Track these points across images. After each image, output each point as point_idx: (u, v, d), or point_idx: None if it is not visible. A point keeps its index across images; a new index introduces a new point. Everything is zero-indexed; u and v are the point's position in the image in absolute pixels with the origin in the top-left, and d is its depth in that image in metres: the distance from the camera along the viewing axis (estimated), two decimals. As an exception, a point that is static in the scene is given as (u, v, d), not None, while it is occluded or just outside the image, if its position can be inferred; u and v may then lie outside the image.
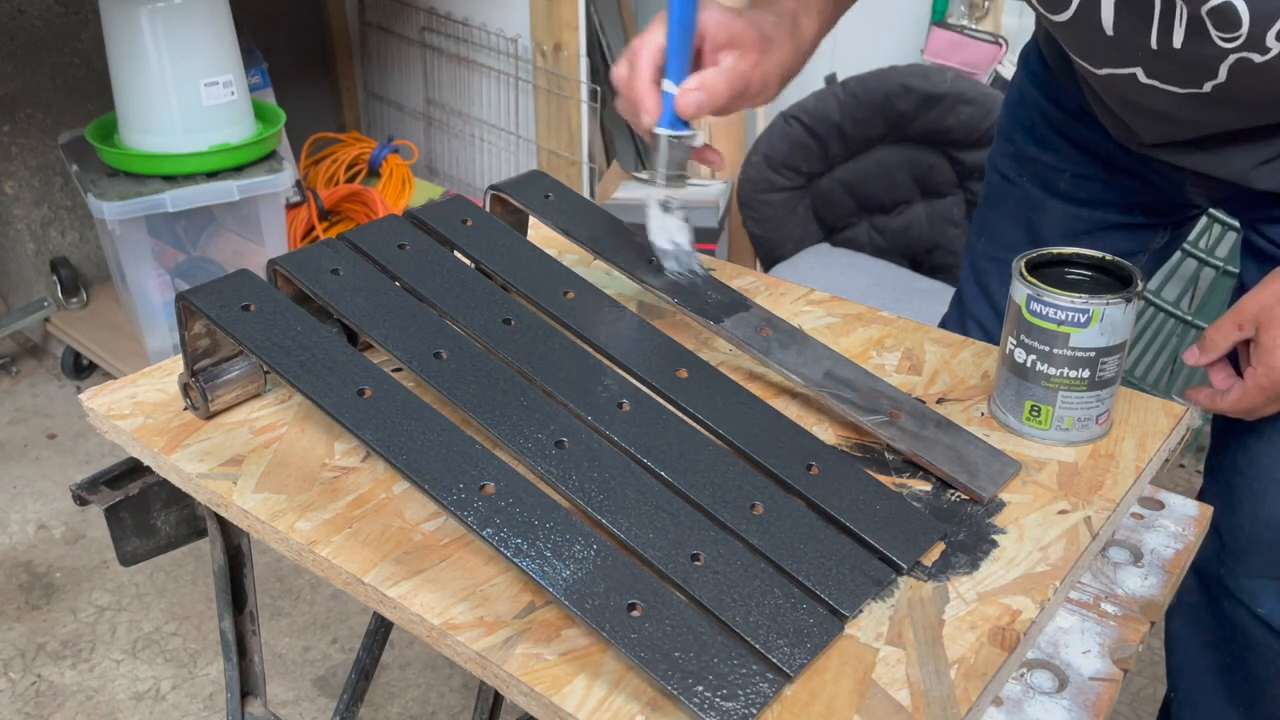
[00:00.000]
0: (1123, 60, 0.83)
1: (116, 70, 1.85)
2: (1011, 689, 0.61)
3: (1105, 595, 0.67)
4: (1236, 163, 0.88)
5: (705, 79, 0.81)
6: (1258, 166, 0.87)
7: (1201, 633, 1.02)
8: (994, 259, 1.15)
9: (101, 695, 1.58)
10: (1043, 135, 1.07)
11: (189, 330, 0.74)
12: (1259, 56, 0.75)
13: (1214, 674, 1.03)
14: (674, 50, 0.80)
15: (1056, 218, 1.08)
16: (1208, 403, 0.87)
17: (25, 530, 1.91)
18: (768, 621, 0.59)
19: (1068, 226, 1.08)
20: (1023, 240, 1.11)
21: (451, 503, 0.62)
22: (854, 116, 2.10)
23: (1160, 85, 0.83)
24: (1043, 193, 1.08)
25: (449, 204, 0.89)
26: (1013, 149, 1.11)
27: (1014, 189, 1.11)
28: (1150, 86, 0.84)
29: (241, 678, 0.93)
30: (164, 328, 2.02)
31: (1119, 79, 0.85)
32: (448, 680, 1.62)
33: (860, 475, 0.70)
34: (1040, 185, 1.08)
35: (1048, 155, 1.07)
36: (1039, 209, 1.09)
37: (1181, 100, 0.83)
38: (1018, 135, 1.10)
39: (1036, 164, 1.08)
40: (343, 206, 2.41)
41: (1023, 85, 1.11)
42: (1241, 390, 0.84)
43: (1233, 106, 0.82)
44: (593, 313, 0.81)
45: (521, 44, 2.42)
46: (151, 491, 0.84)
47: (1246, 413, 0.86)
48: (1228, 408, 0.86)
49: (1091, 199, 1.06)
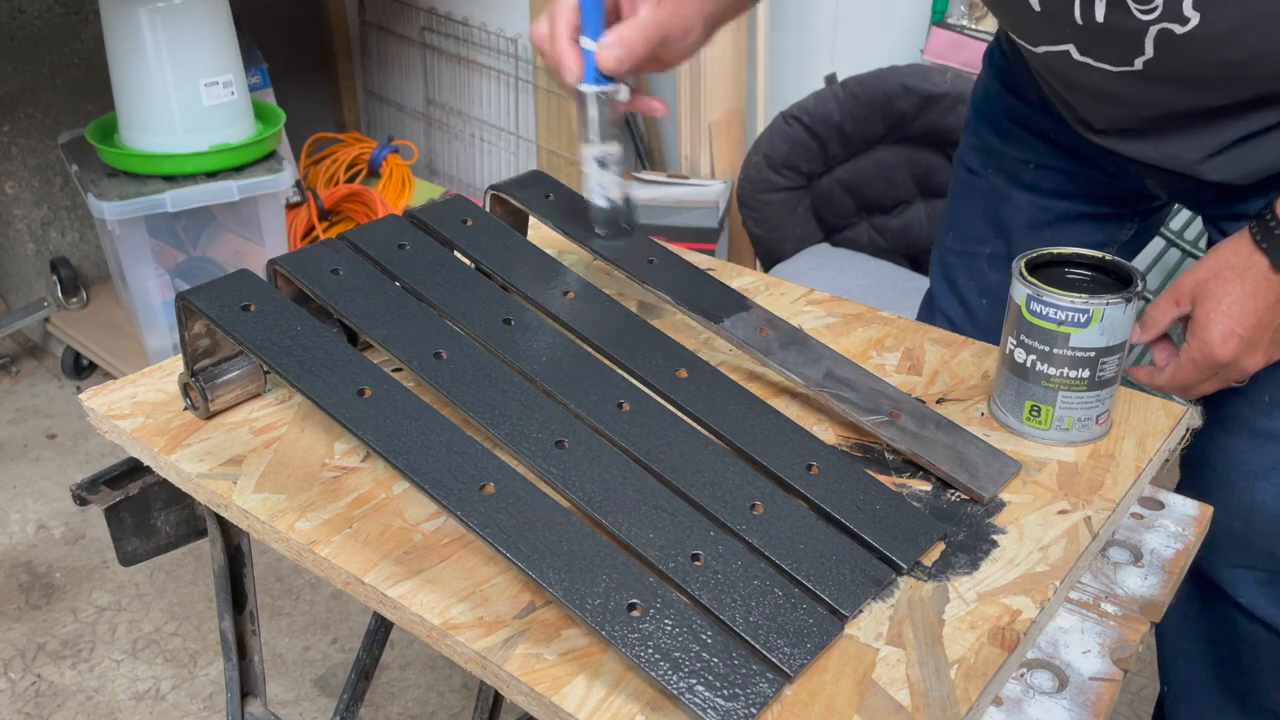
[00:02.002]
0: (1055, 37, 0.84)
1: (116, 70, 1.85)
2: (1011, 689, 0.61)
3: (1105, 595, 0.67)
4: (1185, 155, 0.88)
5: (621, 33, 0.81)
6: (1206, 159, 0.87)
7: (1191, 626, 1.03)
8: (961, 253, 1.15)
9: (101, 695, 1.58)
10: (1006, 127, 1.08)
11: (189, 330, 0.74)
12: (1179, 27, 0.75)
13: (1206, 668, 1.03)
14: (586, 5, 0.81)
15: (1022, 209, 1.08)
16: (1146, 379, 0.88)
17: (25, 530, 1.91)
18: (768, 621, 0.59)
19: (1033, 218, 1.08)
20: (989, 233, 1.11)
21: (451, 503, 0.62)
22: (854, 116, 2.10)
23: (1094, 63, 0.83)
24: (1008, 184, 1.09)
25: (449, 204, 0.89)
26: (978, 142, 1.12)
27: (980, 181, 1.11)
28: (1084, 64, 0.84)
29: (241, 678, 0.93)
30: (164, 328, 2.02)
31: (1055, 57, 0.86)
32: (448, 680, 1.62)
33: (860, 475, 0.70)
34: (1005, 177, 1.09)
35: (1012, 147, 1.08)
36: (1004, 201, 1.09)
37: (1117, 79, 0.83)
38: (983, 129, 1.11)
39: (1001, 156, 1.09)
40: (343, 206, 2.41)
41: (987, 80, 1.12)
42: (1176, 366, 0.85)
43: (1169, 84, 0.82)
44: (593, 313, 0.81)
45: (521, 44, 2.42)
46: (151, 491, 0.84)
47: (1183, 389, 0.86)
48: (1164, 383, 0.87)
49: (1056, 190, 1.06)
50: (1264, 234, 0.80)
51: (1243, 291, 0.81)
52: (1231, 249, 0.83)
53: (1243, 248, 0.82)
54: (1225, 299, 0.82)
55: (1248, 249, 0.81)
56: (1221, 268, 0.83)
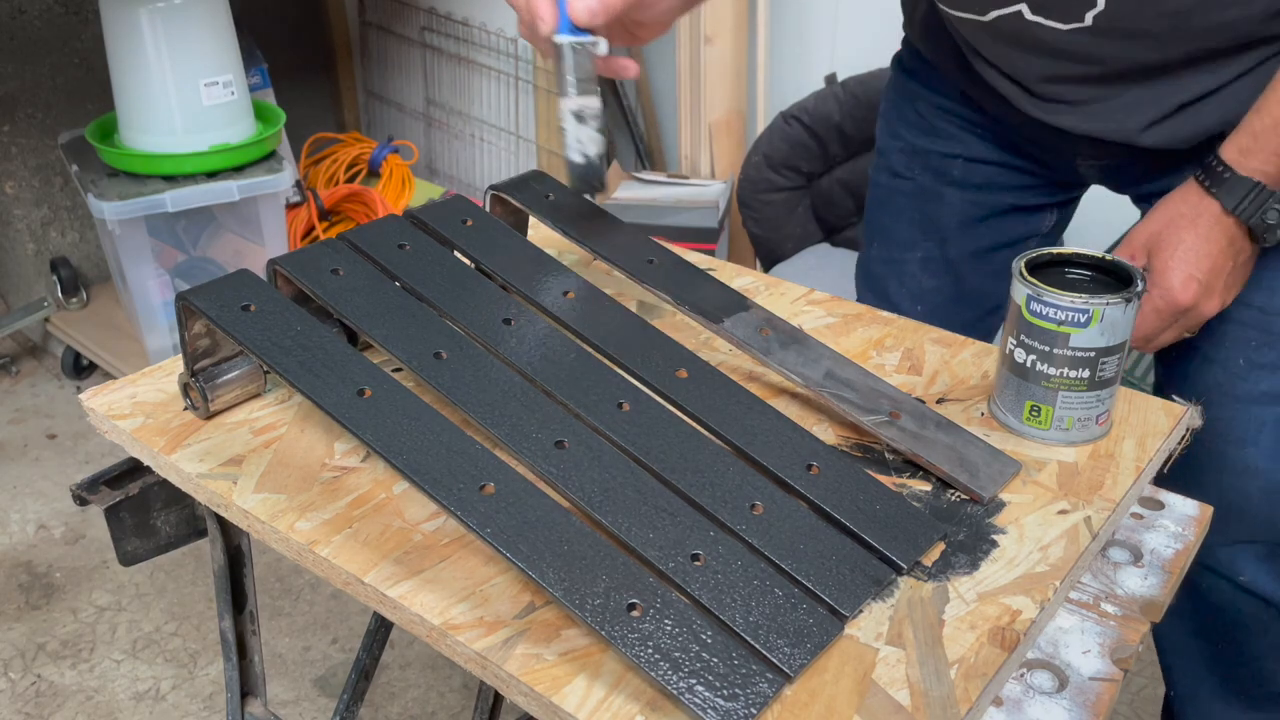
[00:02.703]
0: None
1: (116, 70, 1.85)
2: (1011, 689, 0.61)
3: (1105, 595, 0.67)
4: (1128, 123, 0.89)
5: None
6: (1148, 127, 0.89)
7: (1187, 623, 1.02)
8: (890, 261, 1.14)
9: (101, 695, 1.58)
10: (930, 125, 1.08)
11: (189, 330, 0.74)
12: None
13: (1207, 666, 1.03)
14: None
15: (954, 205, 1.09)
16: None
17: (25, 530, 1.91)
18: (768, 621, 0.59)
19: (965, 214, 1.08)
20: (918, 236, 1.11)
21: (451, 503, 0.62)
22: (854, 116, 2.10)
23: (1044, 21, 0.84)
24: (937, 183, 1.09)
25: (449, 204, 0.89)
26: (901, 144, 1.12)
27: (905, 185, 1.12)
28: (1035, 23, 0.85)
29: (241, 678, 0.93)
30: (164, 328, 2.02)
31: (1006, 20, 0.87)
32: (448, 680, 1.62)
33: (860, 475, 0.70)
34: (934, 175, 1.09)
35: (939, 143, 1.08)
36: (935, 200, 1.09)
37: (1066, 36, 0.85)
38: (905, 131, 1.11)
39: (928, 155, 1.09)
40: (343, 206, 2.41)
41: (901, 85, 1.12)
42: (1139, 316, 0.86)
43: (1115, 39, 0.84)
44: (593, 313, 0.81)
45: (521, 44, 2.42)
46: (151, 491, 0.84)
47: (1145, 339, 0.88)
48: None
49: (986, 183, 1.07)
50: (1212, 179, 0.83)
51: (1196, 236, 0.84)
52: (1180, 197, 0.85)
53: (1191, 195, 0.84)
54: (1181, 246, 0.84)
55: (1197, 195, 0.84)
56: (1174, 217, 0.85)
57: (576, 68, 0.83)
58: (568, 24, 0.81)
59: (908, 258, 1.13)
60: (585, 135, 0.85)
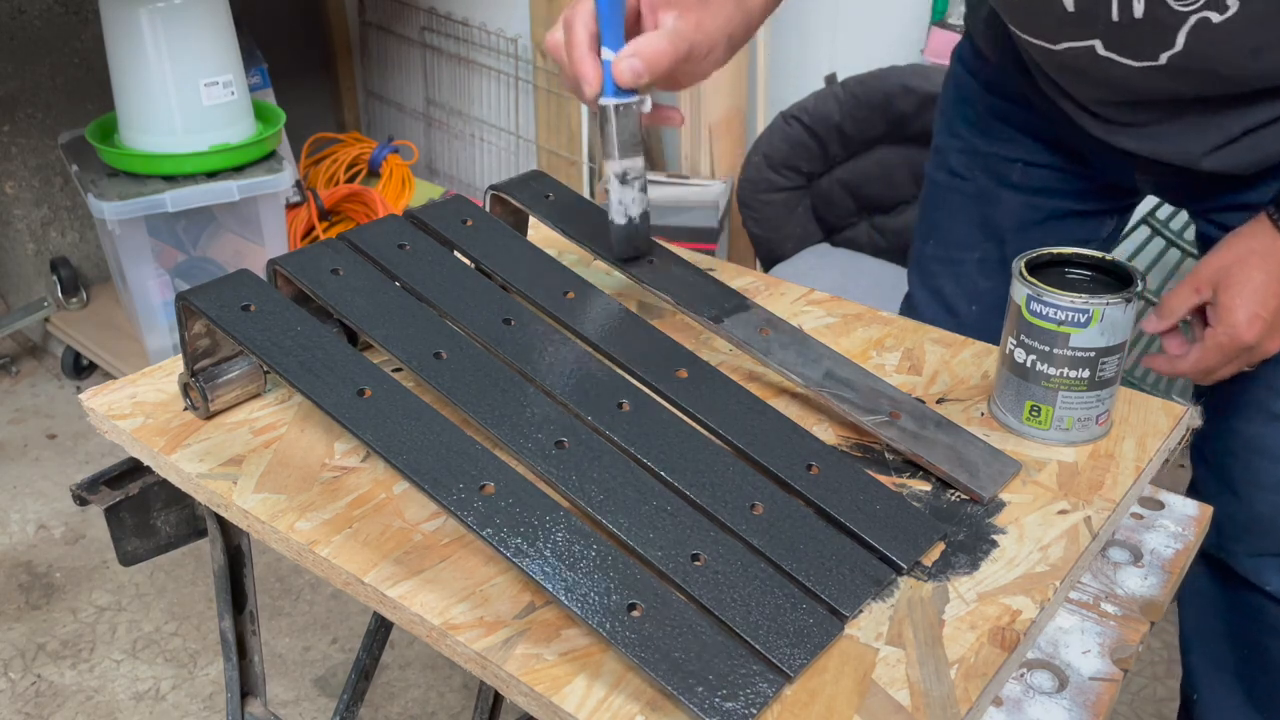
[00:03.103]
0: (1081, 34, 0.84)
1: (116, 70, 1.85)
2: (1011, 689, 0.61)
3: (1105, 595, 0.67)
4: (1190, 149, 0.89)
5: (643, 45, 0.77)
6: (1210, 152, 0.88)
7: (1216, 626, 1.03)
8: (946, 260, 1.14)
9: (101, 695, 1.58)
10: (989, 127, 1.07)
11: (189, 330, 0.74)
12: (1218, 15, 0.76)
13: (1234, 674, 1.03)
14: (605, 14, 0.77)
15: (1011, 209, 1.08)
16: (1166, 368, 0.89)
17: (25, 530, 1.91)
18: (768, 621, 0.59)
19: (1023, 217, 1.08)
20: (976, 236, 1.11)
21: (451, 503, 0.62)
22: (854, 116, 2.10)
23: (1116, 58, 0.83)
24: (995, 185, 1.08)
25: (449, 204, 0.89)
26: (960, 144, 1.11)
27: (964, 185, 1.11)
28: (1107, 59, 0.84)
29: (241, 678, 0.93)
30: (164, 328, 2.02)
31: (1075, 53, 0.86)
32: (448, 680, 1.62)
33: (860, 475, 0.70)
34: (992, 178, 1.08)
35: (998, 146, 1.07)
36: (992, 202, 1.09)
37: (1138, 74, 0.84)
38: (964, 131, 1.10)
39: (987, 157, 1.08)
40: (343, 206, 2.41)
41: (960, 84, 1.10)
42: (1201, 351, 0.85)
43: (1187, 77, 0.83)
44: (593, 313, 0.81)
45: (521, 44, 2.42)
46: (151, 491, 0.84)
47: (1204, 374, 0.87)
48: (1188, 369, 0.87)
49: (1045, 187, 1.06)
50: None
51: (1266, 276, 0.83)
52: (1251, 234, 0.84)
53: (1264, 233, 0.83)
54: (1249, 284, 0.83)
55: (1270, 235, 0.83)
56: (1244, 253, 0.84)
57: (621, 130, 0.80)
58: (612, 86, 0.79)
59: (965, 258, 1.12)
60: (629, 197, 0.83)
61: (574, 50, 0.79)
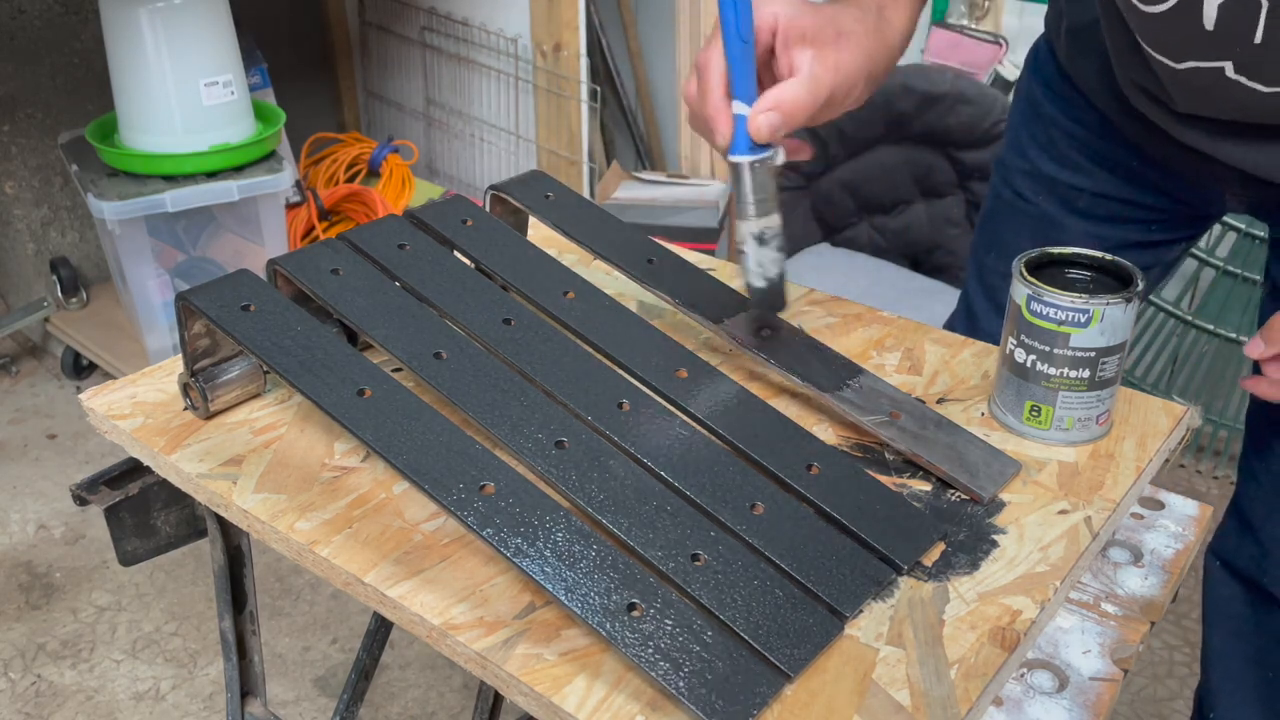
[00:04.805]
0: (1213, 55, 0.79)
1: (116, 70, 1.85)
2: (1011, 689, 0.61)
3: (1105, 595, 0.67)
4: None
5: (783, 97, 0.73)
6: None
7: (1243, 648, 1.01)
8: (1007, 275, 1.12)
9: (101, 695, 1.58)
10: (1063, 154, 1.04)
11: (189, 330, 0.74)
12: None
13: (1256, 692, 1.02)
14: (735, 64, 0.73)
15: (1076, 235, 1.04)
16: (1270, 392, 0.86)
17: (25, 530, 1.91)
18: (768, 621, 0.59)
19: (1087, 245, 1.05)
20: None
21: (451, 503, 0.62)
22: (854, 116, 2.09)
23: (1245, 81, 0.79)
24: (1061, 211, 1.05)
25: (449, 204, 0.89)
26: (1028, 166, 1.07)
27: (1029, 207, 1.07)
28: (1234, 82, 0.79)
29: (241, 678, 0.93)
30: (164, 328, 2.02)
31: (1200, 73, 0.81)
32: (448, 680, 1.62)
33: (860, 475, 0.70)
34: (1058, 204, 1.05)
35: (1067, 174, 1.04)
36: (1057, 228, 1.05)
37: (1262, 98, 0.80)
38: (1032, 151, 1.06)
39: (1054, 183, 1.05)
40: (343, 206, 2.41)
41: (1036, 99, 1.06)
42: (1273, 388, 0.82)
43: None
44: (593, 313, 0.81)
45: (521, 44, 2.42)
46: (151, 491, 0.84)
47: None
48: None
49: (1111, 217, 1.03)
50: None
51: None
52: None
53: None
54: None
55: None
56: None
57: (757, 188, 0.75)
58: (746, 142, 0.74)
59: None
60: (767, 258, 0.78)
61: (708, 98, 0.75)
